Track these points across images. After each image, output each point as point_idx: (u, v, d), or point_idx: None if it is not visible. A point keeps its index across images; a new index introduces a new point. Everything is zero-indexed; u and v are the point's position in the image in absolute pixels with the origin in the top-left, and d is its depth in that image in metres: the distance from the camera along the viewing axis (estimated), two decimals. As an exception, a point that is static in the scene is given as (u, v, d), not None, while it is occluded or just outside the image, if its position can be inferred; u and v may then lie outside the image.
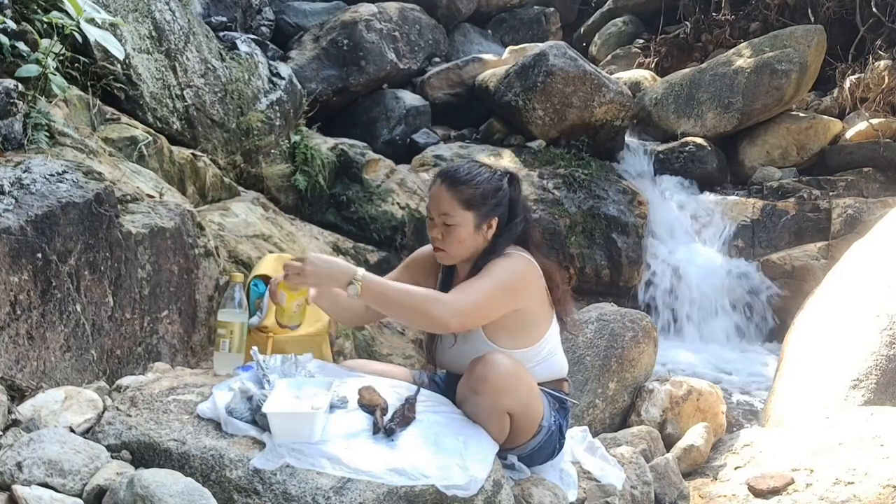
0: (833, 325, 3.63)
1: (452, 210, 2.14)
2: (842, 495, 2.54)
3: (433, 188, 2.21)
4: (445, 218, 2.15)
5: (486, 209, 2.16)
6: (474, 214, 2.15)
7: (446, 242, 2.17)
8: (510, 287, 2.12)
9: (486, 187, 2.17)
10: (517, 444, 2.18)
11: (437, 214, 2.17)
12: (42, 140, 2.83)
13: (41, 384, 2.23)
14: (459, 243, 2.17)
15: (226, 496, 1.76)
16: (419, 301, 2.02)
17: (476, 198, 2.15)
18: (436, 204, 2.18)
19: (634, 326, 3.45)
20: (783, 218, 6.25)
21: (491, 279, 2.08)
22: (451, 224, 2.15)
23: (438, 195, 2.17)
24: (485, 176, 2.19)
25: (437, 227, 2.18)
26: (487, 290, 2.07)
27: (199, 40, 4.71)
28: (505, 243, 2.19)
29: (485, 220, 2.17)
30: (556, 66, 6.50)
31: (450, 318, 2.02)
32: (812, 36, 7.33)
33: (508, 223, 2.21)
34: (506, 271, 2.11)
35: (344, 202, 5.77)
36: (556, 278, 2.25)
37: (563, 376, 2.33)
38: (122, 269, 2.72)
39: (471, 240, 2.17)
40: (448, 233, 2.16)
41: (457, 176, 2.17)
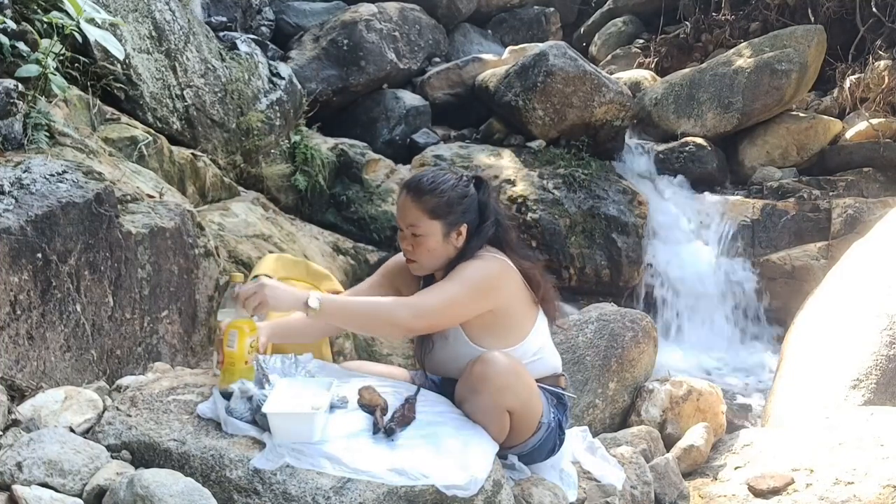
0: (833, 325, 3.63)
1: (419, 220, 2.13)
2: (842, 495, 2.54)
3: (399, 199, 2.19)
4: (413, 229, 2.14)
5: (453, 217, 2.15)
6: (441, 223, 2.14)
7: (416, 253, 2.17)
8: (478, 287, 2.11)
9: (451, 195, 2.16)
10: (517, 443, 2.18)
11: (405, 226, 2.16)
12: (42, 140, 2.83)
13: (41, 384, 2.23)
14: (429, 253, 2.16)
15: (226, 496, 1.76)
16: (381, 308, 2.02)
17: (441, 206, 2.14)
18: (403, 215, 2.17)
19: (634, 326, 3.45)
20: (783, 218, 6.25)
21: (459, 280, 2.08)
22: (420, 234, 2.14)
23: (404, 206, 2.16)
24: (449, 183, 2.18)
25: (406, 239, 2.17)
26: (454, 292, 2.06)
27: (199, 40, 4.71)
28: (476, 247, 2.18)
29: (453, 227, 2.16)
30: (556, 66, 6.50)
31: (412, 320, 2.02)
32: (812, 36, 7.32)
33: (479, 227, 2.19)
34: (474, 271, 2.10)
35: (344, 202, 5.77)
36: (537, 277, 2.24)
37: (558, 372, 2.33)
38: (122, 269, 2.72)
39: (441, 249, 2.16)
40: (417, 243, 2.15)
41: (420, 186, 2.15)
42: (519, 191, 6.09)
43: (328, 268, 3.88)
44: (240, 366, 2.05)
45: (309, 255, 4.52)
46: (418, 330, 2.08)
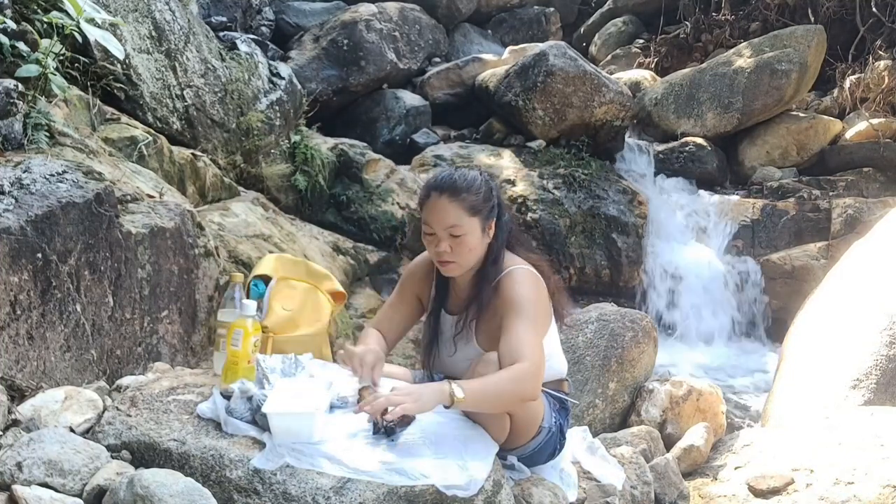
0: (833, 325, 3.63)
1: (460, 220, 2.11)
2: (842, 495, 2.54)
3: (430, 202, 2.14)
4: (453, 230, 2.11)
5: (486, 212, 2.15)
6: (479, 219, 2.13)
7: (457, 254, 2.13)
8: (541, 316, 2.12)
9: (484, 190, 2.16)
10: (518, 445, 2.18)
11: (441, 228, 2.12)
12: (42, 140, 2.83)
13: (41, 384, 2.23)
14: (470, 252, 2.14)
15: (226, 496, 1.76)
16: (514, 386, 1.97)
17: (479, 202, 2.13)
18: (440, 218, 2.12)
19: (634, 326, 3.45)
20: (783, 218, 6.25)
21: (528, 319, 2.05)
22: (461, 234, 2.11)
23: (440, 207, 2.12)
24: (479, 180, 2.18)
25: (443, 241, 2.12)
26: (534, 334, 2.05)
27: (199, 40, 4.71)
28: (501, 245, 2.19)
29: (486, 222, 2.16)
30: (556, 66, 6.50)
31: (536, 387, 2.01)
32: (812, 36, 7.33)
33: (499, 224, 2.20)
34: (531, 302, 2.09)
35: (344, 202, 5.77)
36: (546, 270, 2.25)
37: (563, 376, 2.33)
38: (122, 269, 2.72)
39: (479, 246, 2.15)
40: (458, 244, 2.12)
41: (456, 185, 2.13)
42: (519, 191, 6.09)
43: (328, 268, 3.88)
44: (242, 365, 2.06)
45: (309, 255, 4.52)
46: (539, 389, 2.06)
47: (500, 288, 2.12)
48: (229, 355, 2.08)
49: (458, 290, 2.27)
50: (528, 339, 2.01)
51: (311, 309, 2.71)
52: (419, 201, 2.23)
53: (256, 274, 2.76)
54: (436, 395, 1.91)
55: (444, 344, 2.29)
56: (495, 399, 1.99)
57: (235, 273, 2.41)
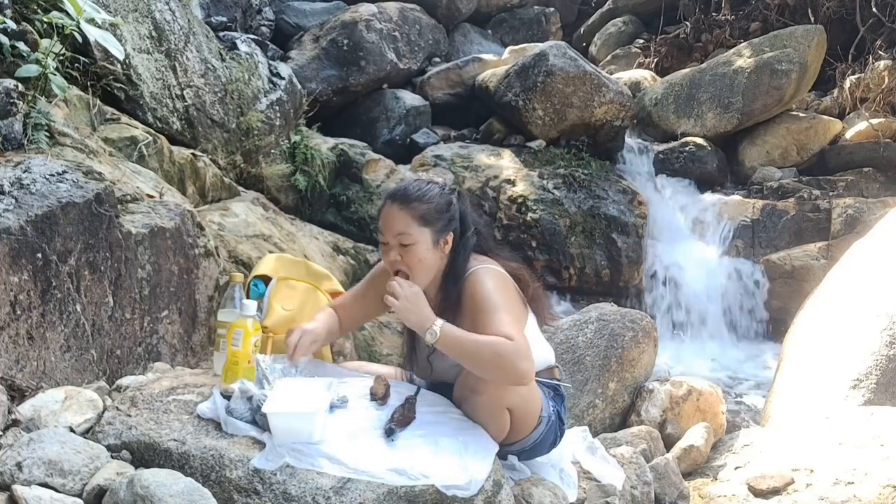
0: (833, 325, 3.63)
1: (409, 228, 2.11)
2: (842, 495, 2.54)
3: (384, 210, 2.16)
4: (402, 238, 2.11)
5: (440, 224, 2.14)
6: (430, 230, 2.13)
7: (406, 263, 2.13)
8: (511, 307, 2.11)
9: (439, 202, 2.15)
10: (519, 439, 2.18)
11: (392, 236, 2.13)
12: (42, 140, 2.83)
13: (41, 384, 2.23)
14: (420, 262, 2.13)
15: (226, 496, 1.76)
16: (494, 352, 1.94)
17: (431, 213, 2.13)
18: (390, 225, 2.13)
19: (634, 326, 3.45)
20: (783, 218, 6.24)
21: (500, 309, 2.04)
22: (409, 243, 2.11)
23: (391, 215, 2.13)
24: (435, 191, 2.17)
25: (393, 250, 2.13)
26: (513, 321, 2.03)
27: (199, 40, 4.71)
28: (465, 259, 2.17)
29: (441, 235, 2.14)
30: (556, 66, 6.50)
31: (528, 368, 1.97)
32: (812, 36, 7.32)
33: (462, 237, 2.19)
34: (496, 295, 2.08)
35: (344, 202, 5.77)
36: (525, 277, 2.25)
37: (552, 364, 2.33)
38: (122, 269, 2.72)
39: (430, 258, 2.14)
40: (406, 253, 2.12)
41: (408, 193, 2.14)
42: (519, 191, 6.08)
43: (328, 268, 3.88)
44: (243, 364, 2.06)
45: (309, 255, 4.52)
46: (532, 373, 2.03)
47: (464, 290, 2.13)
48: (229, 355, 2.08)
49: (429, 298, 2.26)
50: (507, 326, 2.00)
51: (311, 309, 2.71)
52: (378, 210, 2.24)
53: (256, 274, 2.76)
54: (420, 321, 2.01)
55: (423, 350, 2.28)
56: (471, 357, 1.99)
57: (235, 273, 2.41)
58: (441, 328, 1.98)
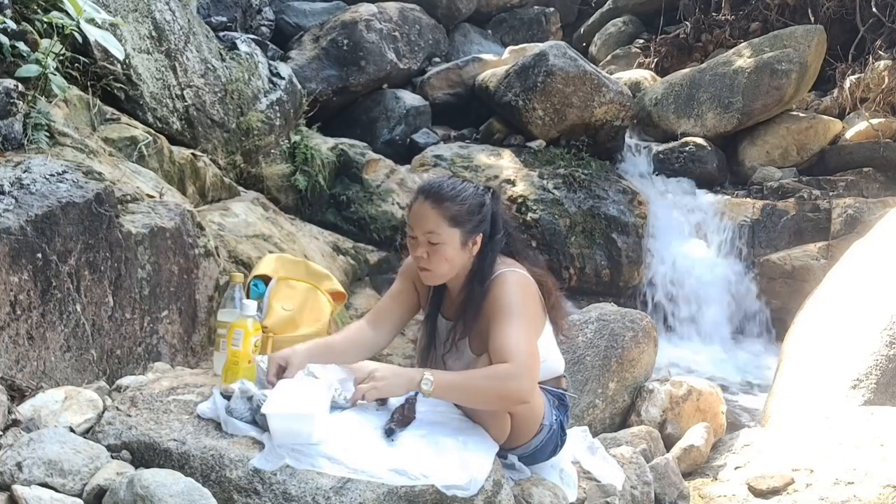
0: (833, 325, 3.63)
1: (438, 228, 2.08)
2: (842, 495, 2.54)
3: (415, 205, 2.13)
4: (431, 236, 2.09)
5: (471, 225, 2.11)
6: (460, 231, 2.10)
7: (432, 262, 2.11)
8: (531, 316, 2.09)
9: (472, 203, 2.12)
10: (520, 444, 2.17)
11: (421, 233, 2.10)
12: (42, 140, 2.83)
13: (41, 384, 2.23)
14: (446, 262, 2.11)
15: (226, 496, 1.76)
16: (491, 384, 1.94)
17: (462, 214, 2.10)
18: (420, 222, 2.11)
19: (634, 326, 3.45)
20: (783, 218, 6.25)
21: (516, 319, 2.02)
22: (437, 242, 2.08)
23: (422, 212, 2.10)
24: (469, 191, 2.14)
25: (420, 246, 2.11)
26: (524, 334, 2.01)
27: (199, 40, 4.71)
28: (492, 261, 2.15)
29: (470, 236, 2.12)
30: (556, 66, 6.50)
31: (528, 387, 1.97)
32: (812, 36, 7.32)
33: (492, 238, 2.16)
34: (518, 302, 2.06)
35: (344, 202, 5.77)
36: (549, 284, 2.22)
37: (560, 373, 2.33)
38: (122, 269, 2.72)
39: (457, 258, 2.12)
40: (434, 251, 2.09)
41: (441, 192, 2.11)
42: (519, 191, 6.09)
43: (328, 268, 3.88)
44: (243, 365, 2.06)
45: (309, 255, 4.52)
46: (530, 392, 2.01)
47: (489, 292, 2.10)
48: (230, 355, 2.08)
49: (452, 296, 2.27)
50: (515, 340, 1.98)
51: (311, 309, 2.71)
52: (409, 204, 2.21)
53: (256, 274, 2.77)
54: (405, 381, 1.95)
55: (440, 348, 2.28)
56: (471, 394, 1.98)
57: (235, 273, 2.41)
58: (433, 375, 1.95)
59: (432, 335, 2.31)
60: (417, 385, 1.93)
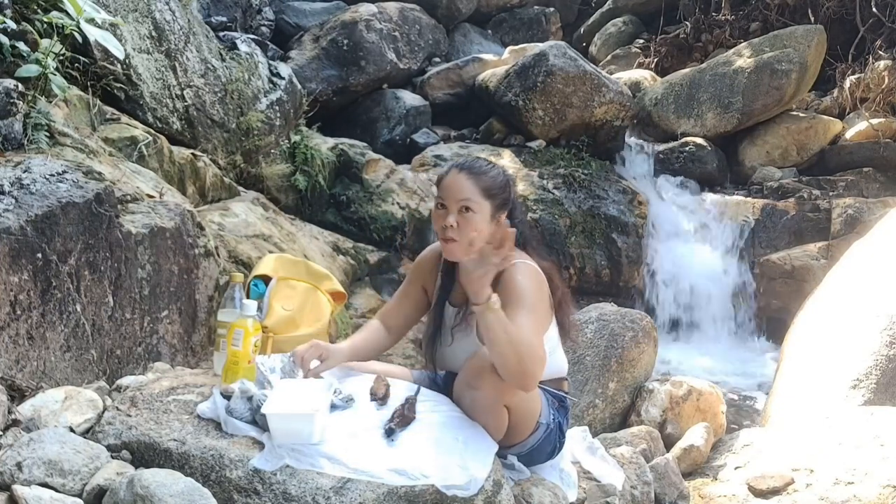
0: (833, 325, 3.63)
1: (474, 196, 2.14)
2: (842, 495, 2.54)
3: (448, 177, 2.20)
4: (466, 202, 2.13)
5: (499, 201, 2.19)
6: (491, 204, 2.16)
7: (461, 231, 2.14)
8: (540, 311, 2.13)
9: (502, 180, 2.22)
10: (516, 442, 2.17)
11: (454, 201, 2.15)
12: (42, 140, 2.83)
13: (41, 384, 2.23)
14: (475, 232, 2.14)
15: (226, 496, 1.76)
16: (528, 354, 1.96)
17: (495, 188, 2.18)
18: (454, 191, 2.16)
19: (634, 326, 3.45)
20: (783, 218, 6.24)
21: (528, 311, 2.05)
22: (471, 210, 2.14)
23: (457, 183, 2.17)
24: (498, 169, 2.25)
25: (451, 214, 2.14)
26: (534, 326, 2.05)
27: (199, 40, 4.71)
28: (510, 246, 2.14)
29: (498, 212, 2.19)
30: (556, 66, 6.50)
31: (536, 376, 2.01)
32: (812, 36, 7.32)
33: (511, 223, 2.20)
34: (531, 295, 2.10)
35: (344, 202, 5.77)
36: (556, 280, 2.24)
37: (563, 375, 2.33)
38: (122, 269, 2.72)
39: (486, 230, 2.15)
40: (465, 220, 2.13)
41: (476, 165, 2.21)
42: (519, 191, 6.08)
43: (328, 268, 3.88)
44: (243, 364, 2.06)
45: (309, 255, 4.52)
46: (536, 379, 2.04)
47: (503, 279, 2.10)
48: (230, 355, 2.09)
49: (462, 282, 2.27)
50: (530, 329, 2.01)
51: (311, 309, 2.71)
52: (438, 179, 2.27)
53: (256, 274, 2.76)
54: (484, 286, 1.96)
55: (445, 335, 2.29)
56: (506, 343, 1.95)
57: (235, 273, 2.41)
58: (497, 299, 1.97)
59: (439, 322, 2.33)
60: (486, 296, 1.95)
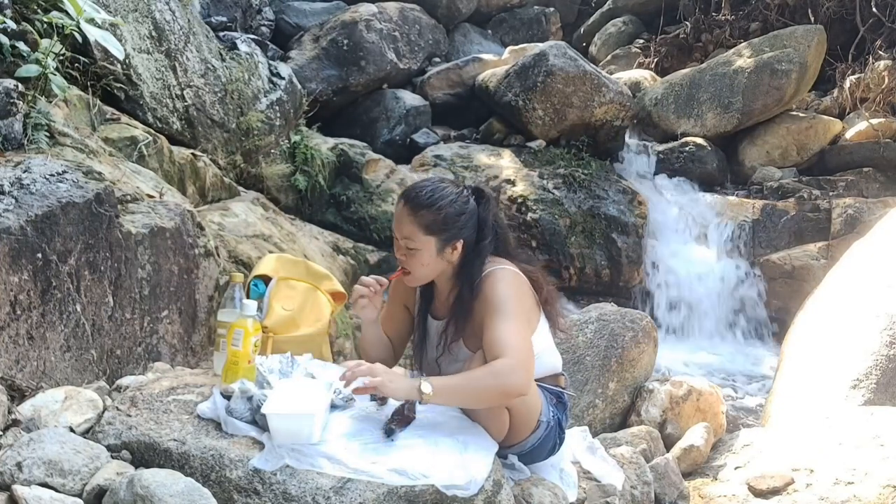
0: (833, 325, 3.63)
1: (413, 235, 2.11)
2: (842, 495, 2.54)
3: (397, 208, 2.17)
4: (407, 242, 2.12)
5: (448, 234, 2.12)
6: (436, 239, 2.11)
7: (410, 265, 2.15)
8: (523, 311, 2.10)
9: (449, 211, 2.11)
10: (517, 441, 2.18)
11: (400, 237, 2.15)
12: (42, 140, 2.83)
13: (41, 384, 2.23)
14: (423, 267, 2.14)
15: (226, 496, 1.76)
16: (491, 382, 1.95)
17: (437, 223, 2.10)
18: (398, 226, 2.15)
19: (634, 326, 3.45)
20: (783, 218, 6.25)
21: (508, 315, 2.03)
22: (413, 248, 2.12)
23: (400, 217, 2.13)
24: (448, 199, 2.13)
25: (400, 249, 2.15)
26: (516, 329, 2.02)
27: (199, 40, 4.71)
28: (480, 265, 2.15)
29: (447, 244, 2.13)
30: (556, 66, 6.50)
31: (525, 379, 1.98)
32: (812, 36, 7.32)
33: (478, 244, 2.16)
34: (509, 298, 2.07)
35: (344, 202, 5.77)
36: (540, 280, 2.23)
37: (559, 371, 2.33)
38: (122, 269, 2.72)
39: (434, 264, 2.14)
40: (410, 256, 2.13)
41: (418, 199, 2.11)
42: (519, 191, 6.08)
43: (328, 268, 3.88)
44: (243, 365, 2.06)
45: (309, 255, 4.52)
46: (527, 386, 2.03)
47: (480, 290, 2.11)
48: (230, 355, 2.08)
49: (441, 296, 2.28)
50: (509, 336, 2.00)
51: (311, 309, 2.71)
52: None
53: (256, 274, 2.77)
54: (405, 390, 1.95)
55: (431, 348, 2.29)
56: (472, 394, 1.99)
57: (235, 273, 2.41)
58: (432, 383, 1.94)
59: (423, 335, 2.34)
60: (417, 391, 1.93)
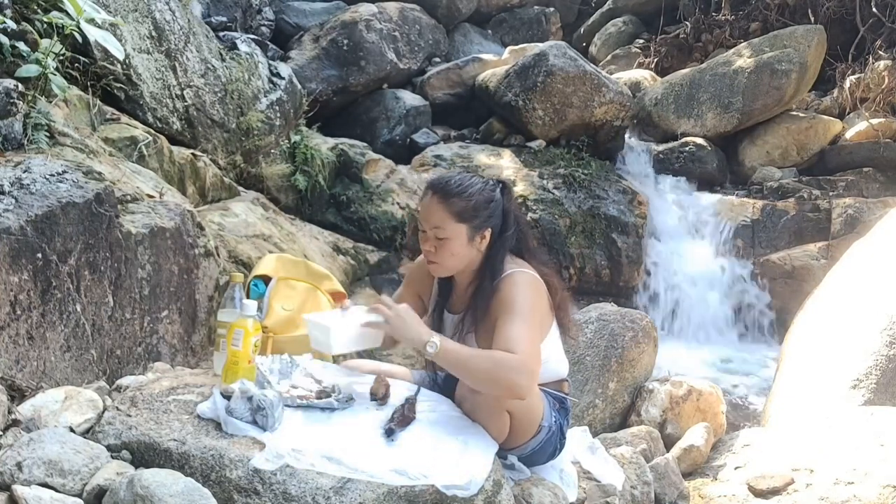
0: (833, 325, 3.63)
1: (444, 223, 2.11)
2: (842, 495, 2.54)
3: (424, 200, 2.17)
4: (437, 231, 2.12)
5: (478, 221, 2.14)
6: (467, 227, 2.12)
7: (439, 255, 2.14)
8: (537, 318, 2.11)
9: (479, 199, 2.14)
10: (518, 444, 2.18)
11: (428, 227, 2.14)
12: (42, 140, 2.83)
13: (41, 384, 2.23)
14: (452, 256, 2.14)
15: (226, 496, 1.76)
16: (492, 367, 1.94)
17: (468, 210, 2.12)
18: (427, 216, 2.15)
19: (634, 326, 3.45)
20: (783, 218, 6.25)
21: (522, 319, 2.03)
22: (444, 237, 2.12)
23: (430, 208, 2.14)
24: (477, 187, 2.16)
25: (429, 241, 2.15)
26: (528, 333, 2.02)
27: (199, 40, 4.71)
28: (501, 257, 2.16)
29: (477, 231, 2.14)
30: (556, 66, 6.50)
31: (525, 383, 1.97)
32: (812, 36, 7.32)
33: (501, 234, 2.18)
34: (526, 303, 2.07)
35: (344, 202, 5.77)
36: (556, 284, 2.23)
37: (564, 377, 2.33)
38: (122, 269, 2.72)
39: (464, 252, 2.15)
40: (440, 246, 2.13)
41: (448, 188, 2.14)
42: (519, 191, 6.08)
43: (328, 268, 3.88)
44: (243, 365, 2.07)
45: (309, 255, 4.52)
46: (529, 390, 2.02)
47: (498, 290, 2.11)
48: (230, 355, 2.09)
49: (459, 290, 2.27)
50: (521, 338, 1.99)
51: (311, 309, 2.72)
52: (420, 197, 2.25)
53: (256, 274, 2.77)
54: (414, 334, 1.99)
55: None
56: (472, 371, 1.98)
57: (235, 273, 2.41)
58: (440, 341, 1.96)
59: (438, 329, 2.32)
60: (423, 344, 1.95)
